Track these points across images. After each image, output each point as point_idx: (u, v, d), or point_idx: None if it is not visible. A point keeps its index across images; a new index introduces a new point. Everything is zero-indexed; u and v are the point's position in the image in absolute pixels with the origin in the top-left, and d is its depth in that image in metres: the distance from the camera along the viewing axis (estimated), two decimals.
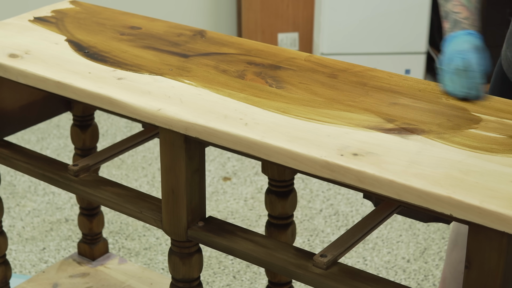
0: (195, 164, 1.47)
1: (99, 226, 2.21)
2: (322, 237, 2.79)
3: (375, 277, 1.36)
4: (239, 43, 1.70)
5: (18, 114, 1.86)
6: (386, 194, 1.23)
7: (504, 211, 1.13)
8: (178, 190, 1.48)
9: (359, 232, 1.44)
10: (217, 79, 1.54)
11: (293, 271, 1.40)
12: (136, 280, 2.13)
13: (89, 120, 2.07)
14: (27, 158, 1.75)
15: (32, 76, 1.58)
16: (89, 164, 1.63)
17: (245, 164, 3.25)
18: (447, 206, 1.18)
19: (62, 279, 2.14)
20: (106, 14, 1.87)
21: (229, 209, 2.96)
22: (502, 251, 1.17)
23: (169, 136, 1.45)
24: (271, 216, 1.72)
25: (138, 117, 1.46)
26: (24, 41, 1.72)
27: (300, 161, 1.29)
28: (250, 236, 1.48)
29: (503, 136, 1.33)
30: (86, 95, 1.51)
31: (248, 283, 2.57)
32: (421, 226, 2.84)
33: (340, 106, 1.43)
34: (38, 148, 3.39)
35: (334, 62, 1.60)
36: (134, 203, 1.58)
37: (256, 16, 4.03)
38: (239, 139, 1.35)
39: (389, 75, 1.54)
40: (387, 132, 1.34)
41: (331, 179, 1.28)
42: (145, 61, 1.62)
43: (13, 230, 2.83)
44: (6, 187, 3.09)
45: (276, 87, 1.50)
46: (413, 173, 1.22)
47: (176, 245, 1.53)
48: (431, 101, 1.45)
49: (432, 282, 2.57)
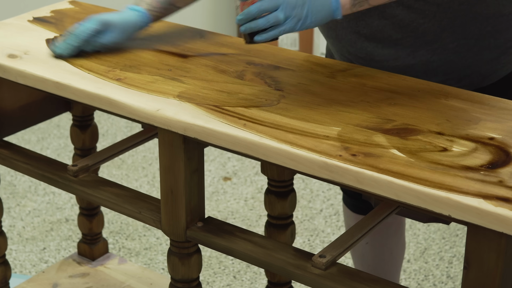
0: (194, 164, 1.47)
1: (99, 226, 2.21)
2: (322, 237, 2.79)
3: (374, 278, 1.36)
4: (238, 43, 1.70)
5: (17, 114, 1.86)
6: (384, 195, 1.23)
7: (503, 211, 1.13)
8: (177, 190, 1.48)
9: (358, 232, 1.44)
10: (216, 79, 1.54)
11: (292, 271, 1.40)
12: (136, 280, 2.13)
13: (89, 120, 2.07)
14: (27, 159, 1.75)
15: (31, 76, 1.58)
16: (88, 165, 1.63)
17: (246, 164, 3.25)
18: (445, 206, 1.18)
19: (62, 279, 2.14)
20: None
21: (229, 209, 2.96)
22: (500, 251, 1.17)
23: (168, 137, 1.45)
24: (271, 217, 1.71)
25: (137, 118, 1.46)
26: (23, 42, 1.72)
27: (299, 161, 1.29)
28: (249, 237, 1.48)
29: (500, 136, 1.33)
30: (85, 95, 1.51)
31: (249, 283, 2.57)
32: (421, 226, 2.84)
33: (339, 106, 1.43)
34: (38, 148, 3.39)
35: (333, 63, 1.60)
36: (133, 203, 1.58)
37: None
38: (238, 139, 1.35)
39: (388, 75, 1.54)
40: (386, 132, 1.34)
41: (330, 180, 1.28)
42: (144, 61, 1.62)
43: (13, 230, 2.83)
44: (7, 187, 3.09)
45: (275, 87, 1.50)
46: (412, 173, 1.22)
47: (175, 245, 1.53)
48: (430, 101, 1.44)
49: (433, 282, 2.57)
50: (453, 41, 1.58)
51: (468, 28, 1.57)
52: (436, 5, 1.54)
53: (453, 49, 1.59)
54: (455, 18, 1.56)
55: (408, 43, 1.59)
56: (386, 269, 2.05)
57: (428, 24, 1.56)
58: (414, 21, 1.56)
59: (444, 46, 1.59)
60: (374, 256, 2.04)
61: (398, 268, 2.08)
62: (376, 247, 2.02)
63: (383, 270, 2.05)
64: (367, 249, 2.01)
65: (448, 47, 1.59)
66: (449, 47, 1.59)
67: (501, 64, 1.64)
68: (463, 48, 1.59)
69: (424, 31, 1.57)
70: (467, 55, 1.60)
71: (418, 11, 1.55)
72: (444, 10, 1.55)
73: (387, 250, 2.03)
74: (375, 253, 2.03)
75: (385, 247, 2.02)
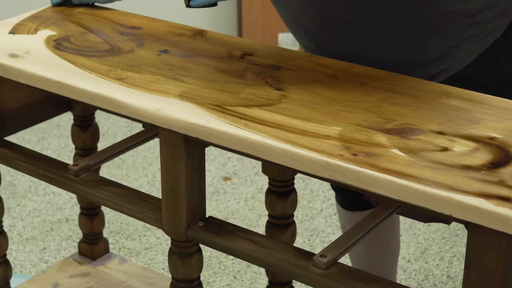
0: (195, 164, 1.47)
1: (99, 226, 2.21)
2: (322, 237, 2.79)
3: (375, 277, 1.36)
4: (239, 43, 1.70)
5: (18, 114, 1.86)
6: (385, 195, 1.23)
7: (504, 211, 1.13)
8: (178, 190, 1.48)
9: (359, 232, 1.44)
10: (218, 79, 1.54)
11: (293, 271, 1.40)
12: (136, 280, 2.13)
13: (90, 120, 2.07)
14: (27, 158, 1.75)
15: (32, 76, 1.58)
16: (89, 164, 1.63)
17: (246, 164, 3.25)
18: (446, 206, 1.18)
19: (63, 279, 2.14)
20: (106, 13, 1.87)
21: (230, 209, 2.96)
22: (501, 251, 1.17)
23: (169, 136, 1.45)
24: (271, 216, 1.72)
25: (138, 117, 1.46)
26: (24, 41, 1.72)
27: (300, 161, 1.29)
28: (250, 236, 1.48)
29: (501, 136, 1.33)
30: (86, 95, 1.52)
31: (249, 283, 2.57)
32: (421, 226, 2.84)
33: (340, 106, 1.43)
34: (39, 148, 3.39)
35: (334, 62, 1.60)
36: (134, 203, 1.59)
37: (256, 16, 4.03)
38: (239, 139, 1.35)
39: (389, 75, 1.54)
40: (387, 132, 1.34)
41: (331, 179, 1.28)
42: (145, 60, 1.62)
43: (14, 230, 2.83)
44: (7, 187, 3.09)
45: (276, 87, 1.51)
46: (413, 173, 1.22)
47: (176, 245, 1.54)
48: (431, 101, 1.45)
49: (433, 282, 2.57)
50: (396, 39, 1.57)
51: (410, 25, 1.56)
52: (374, 2, 1.53)
53: (397, 47, 1.58)
54: (395, 15, 1.55)
55: (352, 41, 1.59)
56: (380, 266, 2.06)
57: (367, 21, 1.56)
58: (354, 18, 1.55)
59: (388, 45, 1.58)
60: (366, 252, 2.04)
61: (392, 266, 2.08)
62: (367, 243, 2.02)
63: (377, 267, 2.05)
64: (359, 245, 2.02)
65: (391, 45, 1.58)
66: (393, 45, 1.58)
67: (448, 63, 1.62)
68: (406, 46, 1.58)
69: (365, 30, 1.57)
70: (412, 53, 1.59)
71: (355, 8, 1.54)
72: (383, 8, 1.54)
73: (379, 246, 2.04)
74: (367, 250, 2.04)
75: (377, 243, 2.03)
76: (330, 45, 1.62)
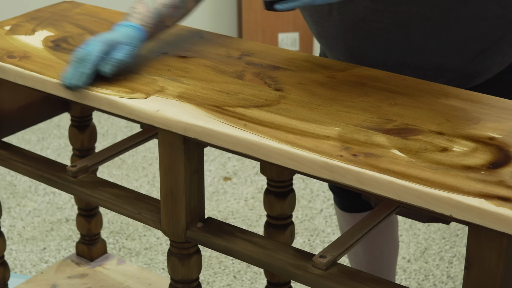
0: (194, 164, 1.47)
1: (97, 226, 2.20)
2: (322, 237, 2.79)
3: (375, 278, 1.36)
4: (237, 43, 1.70)
5: (16, 115, 1.86)
6: (385, 195, 1.22)
7: (504, 211, 1.13)
8: (177, 191, 1.47)
9: (358, 232, 1.44)
10: (216, 79, 1.54)
11: (292, 272, 1.40)
12: (134, 281, 2.13)
13: (87, 120, 2.07)
14: (26, 159, 1.74)
15: (30, 77, 1.58)
16: (87, 165, 1.62)
17: (246, 164, 3.25)
18: (447, 206, 1.17)
19: (61, 280, 2.14)
20: (105, 14, 1.87)
21: (230, 209, 2.96)
22: (502, 251, 1.17)
23: (167, 137, 1.44)
24: (270, 217, 1.71)
25: (137, 118, 1.45)
26: (22, 42, 1.72)
27: (299, 161, 1.29)
28: (249, 237, 1.47)
29: (501, 136, 1.33)
30: (83, 96, 1.51)
31: (249, 283, 2.57)
32: (421, 226, 2.84)
33: (339, 106, 1.43)
34: (39, 148, 3.39)
35: (333, 63, 1.60)
36: (133, 204, 1.58)
37: (256, 16, 4.02)
38: (238, 140, 1.34)
39: (388, 76, 1.54)
40: (386, 132, 1.34)
41: (331, 180, 1.27)
42: (143, 61, 1.62)
43: (14, 230, 2.83)
44: (7, 187, 3.09)
45: (275, 87, 1.50)
46: (413, 173, 1.22)
47: (175, 246, 1.53)
48: (430, 101, 1.44)
49: (433, 282, 2.57)
50: (439, 45, 1.59)
51: (452, 32, 1.58)
52: (419, 15, 1.55)
53: (439, 53, 1.60)
54: (438, 24, 1.57)
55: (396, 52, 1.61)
56: (378, 268, 2.06)
57: (413, 33, 1.58)
58: (399, 32, 1.58)
59: (430, 51, 1.60)
60: (365, 254, 2.04)
61: (391, 267, 2.08)
62: (366, 245, 2.02)
63: (375, 269, 2.05)
64: (358, 247, 2.02)
65: (434, 52, 1.60)
66: (436, 51, 1.60)
67: (486, 66, 1.65)
68: (449, 52, 1.60)
69: (410, 40, 1.58)
70: (454, 58, 1.61)
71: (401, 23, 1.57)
72: (427, 18, 1.56)
73: (378, 248, 2.04)
74: (365, 251, 2.04)
75: (375, 244, 2.03)
76: (373, 58, 1.64)
